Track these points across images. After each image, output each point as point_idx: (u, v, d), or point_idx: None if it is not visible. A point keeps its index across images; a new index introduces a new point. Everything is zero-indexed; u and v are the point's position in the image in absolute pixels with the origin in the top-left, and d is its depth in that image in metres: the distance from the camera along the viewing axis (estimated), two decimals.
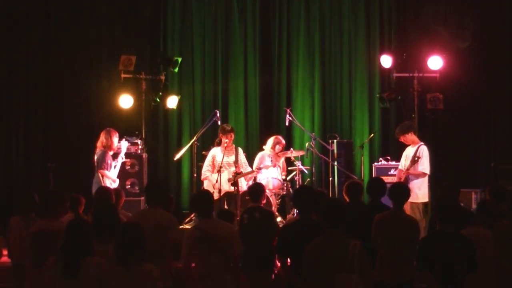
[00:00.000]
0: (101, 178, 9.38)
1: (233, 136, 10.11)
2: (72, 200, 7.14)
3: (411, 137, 9.52)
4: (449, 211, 5.31)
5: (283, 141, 10.55)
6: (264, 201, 7.29)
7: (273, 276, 7.03)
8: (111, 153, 9.72)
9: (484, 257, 5.58)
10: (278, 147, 10.43)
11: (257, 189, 7.23)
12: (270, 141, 10.52)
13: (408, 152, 9.53)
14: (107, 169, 9.47)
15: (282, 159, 10.70)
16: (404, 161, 9.52)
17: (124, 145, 10.18)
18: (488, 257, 5.70)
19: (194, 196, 6.48)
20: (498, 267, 5.90)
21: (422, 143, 9.49)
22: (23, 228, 6.11)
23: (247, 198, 8.41)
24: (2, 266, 8.41)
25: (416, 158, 9.20)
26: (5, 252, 8.12)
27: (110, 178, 9.54)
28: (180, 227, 9.29)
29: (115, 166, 9.78)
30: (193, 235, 5.76)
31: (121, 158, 9.87)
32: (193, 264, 5.82)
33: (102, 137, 9.54)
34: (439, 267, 5.12)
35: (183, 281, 5.87)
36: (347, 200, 6.89)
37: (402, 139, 9.60)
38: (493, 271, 5.74)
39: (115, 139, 9.64)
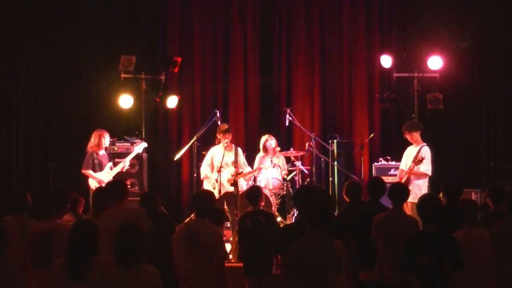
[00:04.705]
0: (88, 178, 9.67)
1: (230, 136, 10.06)
2: (71, 200, 7.14)
3: (416, 136, 9.53)
4: (431, 211, 5.34)
5: (271, 138, 10.48)
6: (263, 203, 7.28)
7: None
8: (101, 153, 9.81)
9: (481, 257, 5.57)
10: (269, 144, 10.39)
11: (254, 192, 7.22)
12: (260, 144, 10.55)
13: (410, 152, 9.53)
14: (90, 169, 9.68)
15: (283, 159, 10.69)
16: (406, 161, 9.52)
17: (140, 147, 10.28)
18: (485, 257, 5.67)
19: (196, 195, 6.47)
20: (496, 268, 5.89)
21: (424, 144, 9.49)
22: (17, 229, 6.09)
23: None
24: None
25: (420, 158, 9.20)
26: None
27: (96, 178, 9.62)
28: None
29: (111, 167, 9.84)
30: (181, 233, 5.79)
31: (128, 158, 10.05)
32: None
33: (92, 138, 9.84)
34: (423, 268, 5.15)
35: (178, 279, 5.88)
36: (347, 200, 6.89)
37: (408, 136, 9.60)
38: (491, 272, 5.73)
39: (105, 139, 9.90)
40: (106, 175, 9.76)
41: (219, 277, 5.76)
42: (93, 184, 9.67)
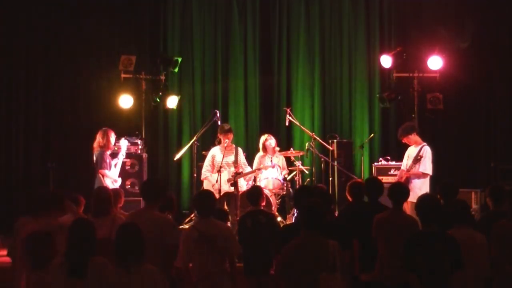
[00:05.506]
0: (102, 178, 9.39)
1: (231, 136, 10.11)
2: (71, 200, 7.12)
3: (414, 137, 9.50)
4: (429, 211, 5.35)
5: (271, 137, 10.49)
6: (264, 203, 7.28)
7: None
8: (109, 152, 9.74)
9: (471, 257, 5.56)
10: (269, 143, 10.39)
11: (255, 192, 7.21)
12: (260, 143, 10.54)
13: (411, 152, 9.51)
14: (107, 169, 9.47)
15: (283, 159, 10.69)
16: (406, 161, 9.51)
17: (124, 143, 10.16)
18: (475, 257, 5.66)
19: (196, 195, 6.47)
20: (497, 268, 5.90)
21: (425, 143, 9.47)
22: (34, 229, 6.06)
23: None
24: (1, 266, 8.40)
25: (418, 157, 9.19)
26: (3, 253, 8.09)
27: (111, 177, 9.52)
28: (180, 227, 9.31)
29: (115, 165, 9.77)
30: (191, 235, 5.75)
31: (122, 156, 9.89)
32: (190, 265, 5.81)
33: (99, 137, 9.57)
34: (423, 267, 5.16)
35: (182, 282, 5.84)
36: (350, 199, 6.89)
37: (405, 140, 9.58)
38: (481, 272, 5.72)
39: (112, 138, 9.66)
40: (115, 173, 9.71)
41: (233, 274, 5.78)
42: (109, 183, 9.43)
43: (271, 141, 10.43)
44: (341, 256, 5.09)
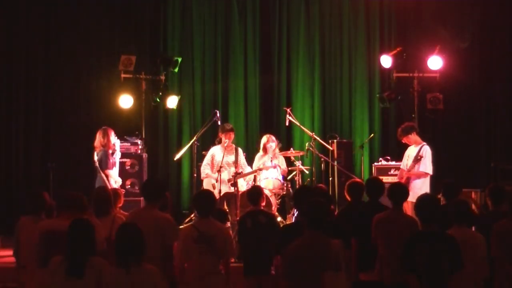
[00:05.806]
0: (105, 178, 9.38)
1: (233, 135, 10.12)
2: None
3: (413, 137, 9.51)
4: (428, 211, 5.35)
5: (272, 140, 10.48)
6: (264, 203, 7.28)
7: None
8: (110, 151, 9.72)
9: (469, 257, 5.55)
10: (270, 146, 10.38)
11: (255, 192, 7.21)
12: (261, 143, 10.53)
13: (410, 152, 9.52)
14: (111, 169, 9.46)
15: (282, 159, 10.68)
16: (406, 161, 9.52)
17: (117, 143, 10.14)
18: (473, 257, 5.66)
19: (196, 195, 6.48)
20: (497, 268, 5.90)
21: (425, 143, 9.47)
22: (34, 229, 6.06)
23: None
24: (2, 266, 8.41)
25: (418, 157, 9.19)
26: (8, 253, 8.10)
27: (115, 178, 9.52)
28: (180, 227, 9.30)
29: (115, 164, 9.78)
30: (190, 235, 5.75)
31: (118, 155, 9.88)
32: (185, 265, 5.81)
33: (100, 137, 9.49)
34: (423, 267, 5.16)
35: (177, 281, 5.84)
36: (349, 199, 6.89)
37: (405, 140, 9.59)
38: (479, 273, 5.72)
39: (112, 137, 9.64)
40: (117, 173, 9.70)
41: (227, 274, 5.79)
42: (112, 183, 9.40)
43: (272, 144, 10.41)
44: (345, 255, 5.09)
